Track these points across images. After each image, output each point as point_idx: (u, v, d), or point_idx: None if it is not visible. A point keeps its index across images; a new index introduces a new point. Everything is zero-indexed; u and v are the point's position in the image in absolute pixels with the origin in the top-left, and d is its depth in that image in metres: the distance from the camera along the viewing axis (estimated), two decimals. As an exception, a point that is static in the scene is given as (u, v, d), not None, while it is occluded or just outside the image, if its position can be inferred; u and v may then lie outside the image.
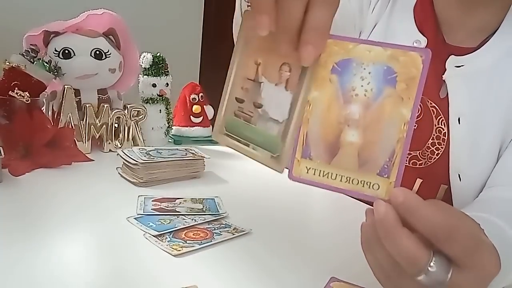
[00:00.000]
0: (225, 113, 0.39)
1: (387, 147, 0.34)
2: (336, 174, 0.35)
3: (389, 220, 0.32)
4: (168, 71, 0.98)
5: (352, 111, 0.34)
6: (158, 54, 0.97)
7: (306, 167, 0.36)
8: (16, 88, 0.75)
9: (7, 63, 0.77)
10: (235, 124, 0.38)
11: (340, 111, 0.34)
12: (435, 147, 0.67)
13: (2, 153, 0.66)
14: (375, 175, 0.34)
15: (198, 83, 1.08)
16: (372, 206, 0.34)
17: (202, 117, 1.03)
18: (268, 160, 0.36)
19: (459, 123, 0.65)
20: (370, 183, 0.34)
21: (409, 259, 0.32)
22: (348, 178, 0.35)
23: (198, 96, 1.04)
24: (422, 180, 0.69)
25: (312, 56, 0.33)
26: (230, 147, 0.38)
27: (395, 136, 0.33)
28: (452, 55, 0.66)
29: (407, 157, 0.69)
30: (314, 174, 0.35)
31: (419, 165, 0.69)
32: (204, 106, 1.04)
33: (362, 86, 0.34)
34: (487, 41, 0.65)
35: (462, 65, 0.65)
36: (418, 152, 0.69)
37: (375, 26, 0.74)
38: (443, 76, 0.66)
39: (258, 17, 0.32)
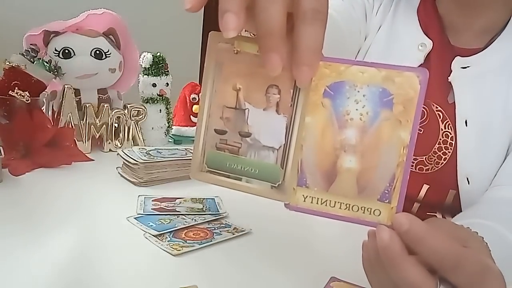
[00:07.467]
0: (204, 148, 0.35)
1: (386, 172, 0.32)
2: (335, 202, 0.34)
3: (394, 248, 0.31)
4: (168, 71, 0.98)
5: (348, 136, 0.33)
6: (158, 54, 0.97)
7: (303, 196, 0.34)
8: (16, 88, 0.75)
9: (7, 63, 0.77)
10: (219, 159, 0.35)
11: (335, 136, 0.33)
12: (442, 152, 0.66)
13: (2, 152, 0.66)
14: (376, 200, 0.33)
15: (198, 83, 1.08)
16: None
17: (202, 117, 1.03)
18: (268, 191, 0.34)
19: (466, 125, 0.64)
20: (371, 209, 0.33)
21: None
22: (347, 205, 0.33)
23: (198, 96, 1.04)
24: (429, 186, 0.68)
25: (309, 78, 0.31)
26: (215, 184, 0.35)
27: (395, 161, 0.32)
28: (458, 56, 0.65)
29: (413, 163, 0.68)
30: (311, 202, 0.34)
31: (425, 171, 0.68)
32: (204, 106, 1.04)
33: (357, 109, 0.32)
34: (493, 41, 0.64)
35: (468, 66, 0.64)
36: (424, 157, 0.67)
37: (379, 29, 0.74)
38: (449, 77, 0.65)
39: (225, 17, 0.29)
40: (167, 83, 0.98)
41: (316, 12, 0.29)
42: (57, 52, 0.86)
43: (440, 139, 0.66)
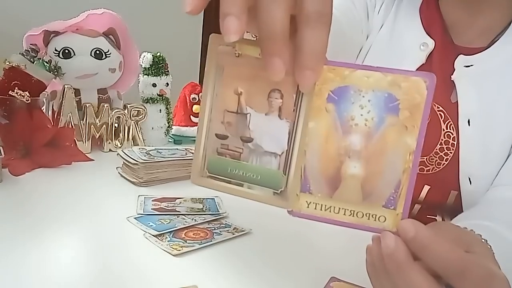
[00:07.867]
0: (205, 153, 0.34)
1: (392, 178, 0.32)
2: (339, 208, 0.33)
3: (399, 255, 0.31)
4: (168, 71, 0.98)
5: (353, 142, 0.32)
6: (158, 54, 0.97)
7: (306, 202, 0.34)
8: (16, 88, 0.75)
9: (7, 63, 0.77)
10: (220, 164, 0.34)
11: (339, 142, 0.32)
12: (443, 152, 0.65)
13: (2, 153, 0.66)
14: (381, 207, 0.32)
15: (198, 83, 1.08)
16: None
17: (202, 117, 1.03)
18: (270, 198, 0.34)
19: (469, 124, 0.63)
20: (376, 215, 0.33)
21: None
22: (352, 211, 0.33)
23: (198, 96, 1.04)
24: (430, 186, 0.68)
25: (312, 82, 0.31)
26: (217, 190, 0.35)
27: (400, 167, 0.32)
28: (461, 55, 0.65)
29: None
30: (315, 208, 0.34)
31: (426, 171, 0.67)
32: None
33: (361, 115, 0.32)
34: (497, 40, 0.64)
35: (471, 65, 0.64)
36: (425, 158, 0.67)
37: (381, 28, 0.73)
38: (451, 76, 0.64)
39: (226, 20, 0.28)
40: (167, 83, 0.98)
41: (320, 14, 0.28)
42: (57, 52, 0.86)
43: (442, 140, 0.66)
